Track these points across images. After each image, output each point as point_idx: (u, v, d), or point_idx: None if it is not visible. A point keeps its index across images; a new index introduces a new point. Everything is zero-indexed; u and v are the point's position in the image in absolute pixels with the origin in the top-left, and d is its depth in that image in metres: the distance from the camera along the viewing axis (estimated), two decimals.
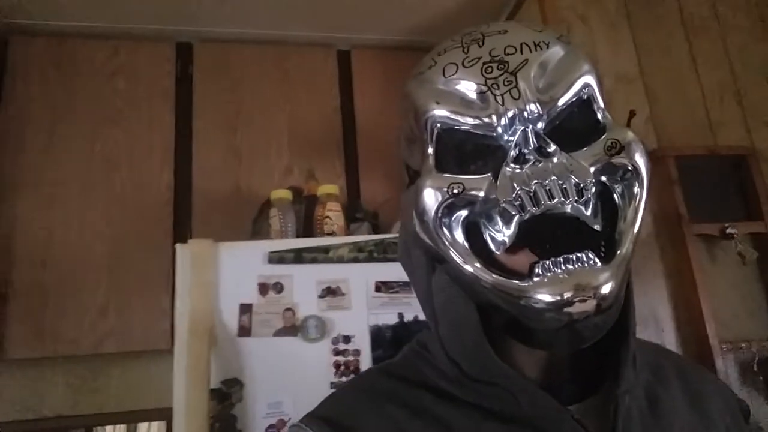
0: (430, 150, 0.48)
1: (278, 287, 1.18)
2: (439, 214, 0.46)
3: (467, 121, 0.46)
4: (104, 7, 1.82)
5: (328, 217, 1.36)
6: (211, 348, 1.08)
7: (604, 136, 0.46)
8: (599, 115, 0.48)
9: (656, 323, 1.52)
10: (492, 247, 0.46)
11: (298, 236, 1.39)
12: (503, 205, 0.44)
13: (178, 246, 1.19)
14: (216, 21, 1.93)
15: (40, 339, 1.59)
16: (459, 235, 0.47)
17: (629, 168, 0.46)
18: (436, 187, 0.46)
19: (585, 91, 0.47)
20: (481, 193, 0.46)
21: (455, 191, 0.46)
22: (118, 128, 1.81)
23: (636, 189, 0.46)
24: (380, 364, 0.58)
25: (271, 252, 1.21)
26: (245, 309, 1.16)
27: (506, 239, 0.45)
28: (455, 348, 0.50)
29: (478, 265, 0.45)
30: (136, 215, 1.74)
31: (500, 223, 0.45)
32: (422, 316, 0.53)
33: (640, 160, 0.46)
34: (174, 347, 1.60)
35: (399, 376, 0.54)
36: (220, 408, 1.07)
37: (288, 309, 1.17)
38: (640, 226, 0.46)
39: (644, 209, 0.46)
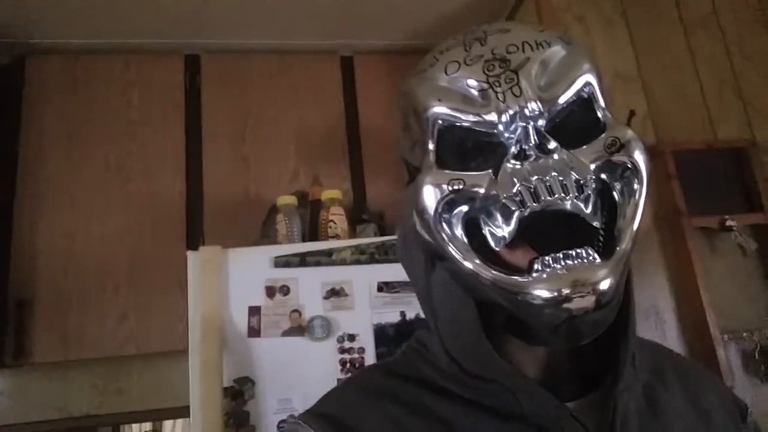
0: (431, 146, 0.48)
1: (285, 290, 1.24)
2: (439, 210, 0.46)
3: (468, 118, 0.47)
4: (115, 24, 1.89)
5: (332, 221, 1.42)
6: (222, 349, 1.14)
7: (604, 134, 0.47)
8: (599, 114, 0.48)
9: (657, 315, 1.55)
10: (491, 243, 0.46)
11: (304, 239, 1.45)
12: (503, 200, 0.44)
13: (189, 253, 1.26)
14: (222, 32, 1.99)
15: (64, 343, 1.67)
16: (459, 231, 0.47)
17: (629, 166, 0.46)
18: (437, 183, 0.47)
19: (586, 89, 0.48)
20: (482, 190, 0.46)
21: (456, 187, 0.46)
22: (132, 139, 1.89)
23: (635, 186, 0.46)
24: (379, 362, 0.59)
25: (277, 257, 1.27)
26: (254, 311, 1.22)
27: (506, 235, 0.45)
28: (454, 345, 0.50)
29: (477, 261, 0.45)
30: (152, 222, 1.82)
31: (500, 219, 0.45)
32: (423, 314, 0.56)
33: (640, 158, 0.46)
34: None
35: (398, 373, 0.54)
36: (234, 405, 1.14)
37: (294, 310, 1.23)
38: (640, 222, 0.46)
39: (643, 206, 0.47)
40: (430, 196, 0.47)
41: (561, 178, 0.43)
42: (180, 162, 1.89)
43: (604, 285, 0.42)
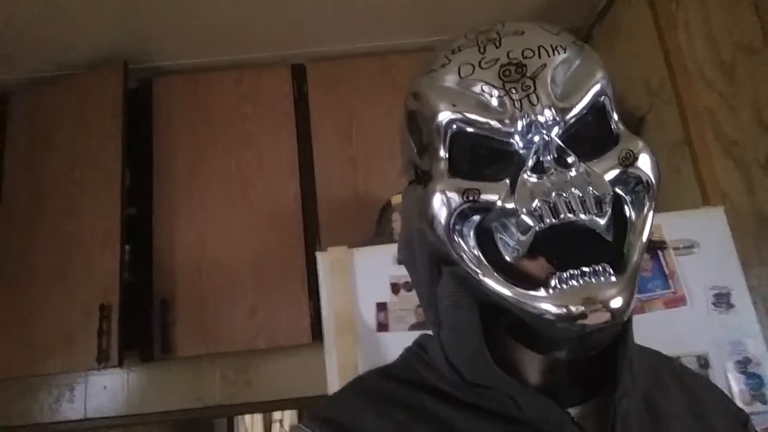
0: (443, 153, 0.47)
1: (408, 286, 1.29)
2: (452, 221, 0.45)
3: (483, 125, 0.46)
4: (226, 42, 2.04)
5: None
6: (356, 342, 1.22)
7: (618, 146, 0.47)
8: (612, 124, 0.48)
9: None
10: (505, 254, 0.46)
11: None
12: (523, 216, 0.44)
13: (318, 254, 1.34)
14: (324, 40, 2.08)
15: (203, 339, 1.84)
16: (472, 242, 0.46)
17: (642, 180, 0.46)
18: (450, 191, 0.46)
19: (600, 98, 0.47)
20: (498, 201, 0.45)
21: (471, 198, 0.45)
22: (249, 149, 2.02)
23: (646, 201, 0.46)
24: (380, 366, 0.58)
25: None
26: (381, 307, 1.28)
27: (520, 248, 0.45)
28: (455, 353, 0.50)
29: (495, 275, 0.45)
30: (272, 225, 1.94)
31: (515, 231, 0.45)
32: (426, 319, 0.54)
33: (653, 173, 0.46)
34: (318, 342, 1.80)
35: (399, 377, 0.54)
36: None
37: (419, 305, 1.28)
38: (648, 236, 0.46)
39: (652, 220, 0.47)
40: (442, 206, 0.46)
41: (580, 195, 0.43)
42: (293, 167, 2.00)
43: (619, 302, 0.42)
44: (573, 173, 0.43)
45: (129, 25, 1.86)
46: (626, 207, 0.47)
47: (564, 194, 0.43)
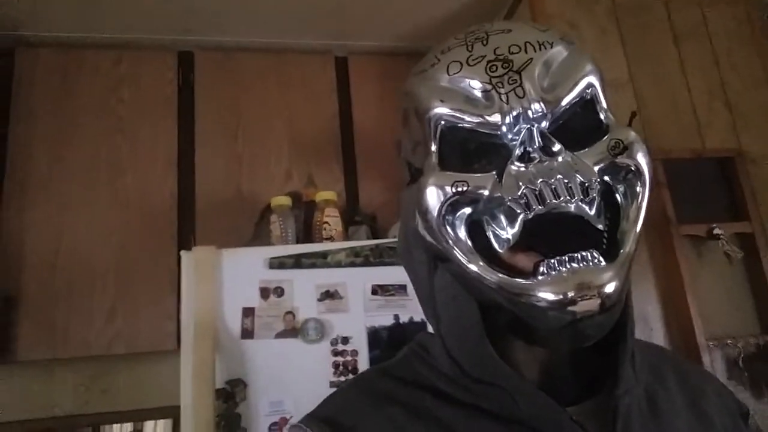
0: (434, 147, 0.48)
1: (279, 291, 1.24)
2: (443, 212, 0.46)
3: (471, 119, 0.46)
4: (107, 18, 1.88)
5: (326, 222, 1.41)
6: (215, 350, 1.14)
7: (607, 136, 0.47)
8: (602, 116, 0.48)
9: (645, 321, 1.58)
10: (496, 245, 0.46)
11: (297, 241, 1.44)
12: (508, 203, 0.44)
13: (183, 253, 1.25)
14: (216, 29, 1.98)
15: (50, 341, 1.65)
16: (462, 234, 0.46)
17: (632, 168, 0.46)
18: (440, 184, 0.46)
19: (588, 91, 0.48)
20: (486, 192, 0.46)
21: (460, 189, 0.46)
22: (122, 136, 1.87)
23: (638, 188, 0.47)
24: (379, 364, 0.58)
25: (272, 258, 1.26)
26: (248, 312, 1.21)
27: (510, 237, 0.45)
28: (456, 347, 0.50)
29: (481, 263, 0.45)
30: (142, 220, 1.80)
31: (504, 221, 0.45)
32: (417, 317, 0.55)
33: (643, 160, 0.46)
34: (180, 348, 1.69)
35: (398, 376, 0.54)
36: (225, 407, 1.13)
37: (288, 312, 1.23)
38: (642, 225, 0.46)
39: (646, 208, 0.47)
40: (434, 198, 0.46)
41: (566, 181, 0.43)
42: (172, 159, 1.87)
43: (610, 288, 0.42)
44: (559, 161, 0.44)
45: None
46: (618, 196, 0.47)
47: (550, 181, 0.43)
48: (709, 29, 1.91)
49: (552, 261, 0.43)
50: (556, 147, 0.44)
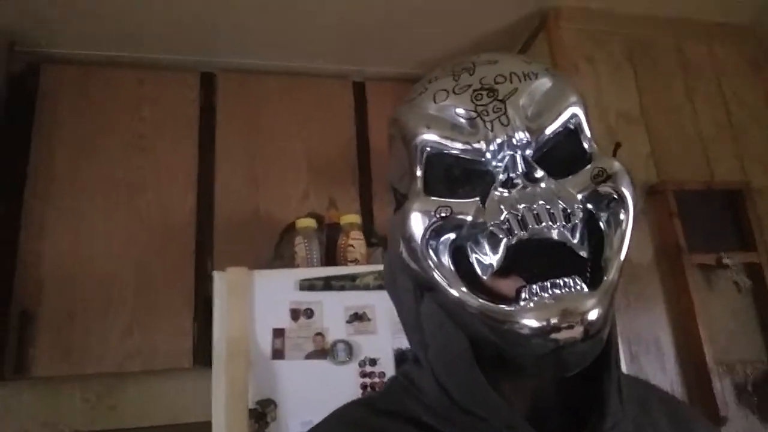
0: (419, 173, 0.49)
1: (309, 313, 1.26)
2: (427, 237, 0.46)
3: (456, 146, 0.47)
4: (131, 38, 1.91)
5: (351, 245, 1.44)
6: (247, 370, 1.15)
7: (590, 165, 0.47)
8: (586, 145, 0.49)
9: (657, 347, 1.61)
10: (479, 271, 0.46)
11: (320, 263, 1.47)
12: (491, 228, 0.45)
13: (215, 273, 1.26)
14: (238, 52, 2.02)
15: (66, 358, 1.64)
16: (446, 259, 0.47)
17: (615, 196, 0.46)
18: (424, 210, 0.47)
19: (572, 120, 0.49)
20: (469, 217, 0.46)
21: (443, 214, 0.46)
22: (143, 154, 1.89)
23: (622, 216, 0.46)
24: (363, 397, 0.58)
25: (302, 280, 1.29)
26: (278, 333, 1.23)
27: (493, 263, 0.45)
28: (445, 374, 0.49)
29: (464, 289, 0.45)
30: (160, 238, 1.81)
31: (487, 247, 0.45)
32: (410, 345, 0.54)
33: (626, 189, 0.46)
34: (198, 366, 1.69)
35: (383, 409, 0.53)
36: (257, 427, 1.14)
37: (318, 333, 1.25)
38: (626, 253, 0.46)
39: (630, 237, 0.47)
40: (418, 223, 0.47)
41: (548, 207, 0.44)
42: (191, 179, 1.89)
43: (593, 315, 0.42)
44: (542, 187, 0.45)
45: (22, 2, 1.68)
46: (601, 223, 0.47)
47: (532, 206, 0.44)
48: (716, 66, 1.99)
49: (534, 287, 0.43)
50: (539, 173, 0.45)
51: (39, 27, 1.80)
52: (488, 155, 0.46)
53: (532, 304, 0.42)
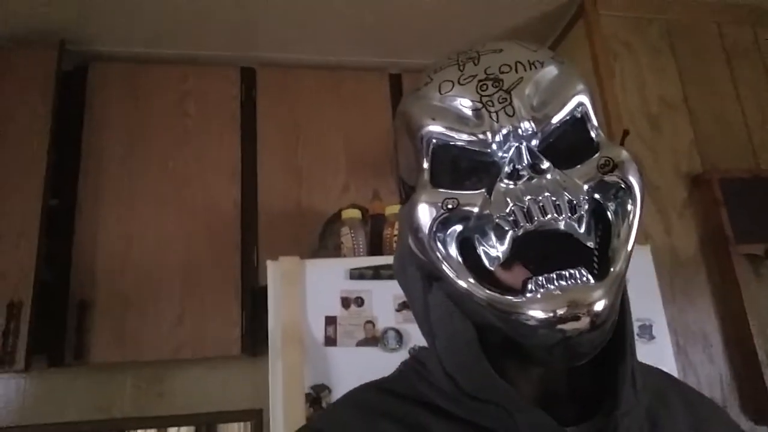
0: (425, 165, 0.49)
1: (359, 301, 1.29)
2: (434, 229, 0.47)
3: (462, 138, 0.47)
4: (174, 34, 1.96)
5: (396, 236, 1.46)
6: (302, 355, 1.19)
7: (597, 154, 0.47)
8: (593, 134, 0.49)
9: (704, 339, 1.60)
10: (486, 262, 0.46)
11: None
12: (497, 220, 0.45)
13: (268, 262, 1.30)
14: (277, 47, 2.05)
15: (121, 345, 1.71)
16: (453, 250, 0.47)
17: (622, 186, 0.46)
18: (431, 202, 0.47)
19: (579, 109, 0.48)
20: (476, 209, 0.46)
21: (450, 206, 0.46)
22: (188, 148, 1.94)
23: (629, 207, 0.46)
24: (375, 380, 0.57)
25: (352, 269, 1.32)
26: (330, 321, 1.26)
27: (500, 255, 0.45)
28: (452, 364, 0.50)
29: (471, 280, 0.45)
30: (207, 229, 1.86)
31: (494, 238, 0.46)
32: (421, 333, 0.54)
33: (634, 178, 0.46)
34: (246, 354, 1.74)
35: (394, 392, 0.53)
36: (312, 411, 1.18)
37: (368, 321, 1.28)
38: (634, 243, 0.46)
39: (638, 227, 0.46)
40: (425, 215, 0.47)
41: (554, 199, 0.44)
42: (235, 171, 1.94)
43: (599, 306, 0.42)
44: (548, 178, 0.44)
45: (71, 1, 1.74)
46: (609, 214, 0.47)
47: (537, 198, 0.44)
48: (761, 50, 1.94)
49: (540, 278, 0.43)
50: (545, 165, 0.45)
51: (87, 26, 1.86)
52: (494, 146, 0.46)
53: (538, 296, 0.43)
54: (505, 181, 0.45)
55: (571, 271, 0.43)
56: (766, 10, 2.00)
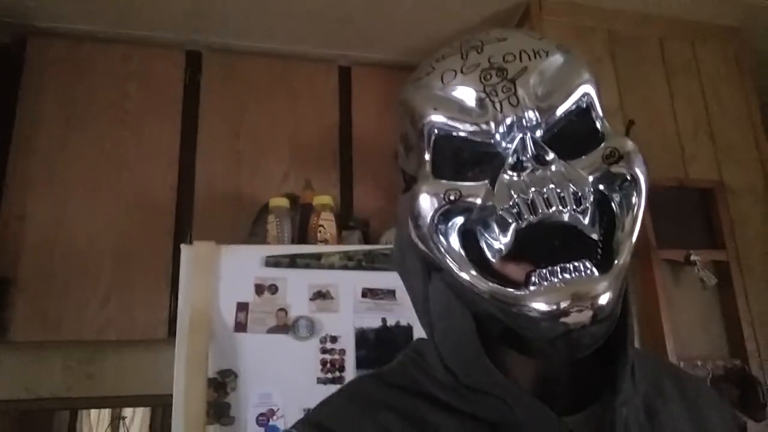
0: (427, 156, 0.48)
1: (273, 289, 1.29)
2: (435, 221, 0.46)
3: (465, 128, 0.46)
4: (119, 13, 1.92)
5: (321, 226, 1.47)
6: (209, 341, 1.19)
7: (602, 145, 0.46)
8: (598, 124, 0.48)
9: None
10: (488, 254, 0.46)
11: (293, 241, 1.50)
12: (500, 212, 0.44)
13: (183, 246, 1.30)
14: (226, 32, 2.03)
15: (43, 324, 1.68)
16: (455, 242, 0.46)
17: (628, 177, 0.45)
18: (433, 193, 0.46)
19: (584, 99, 0.47)
20: (478, 200, 0.45)
21: (452, 198, 0.45)
22: (127, 130, 1.91)
23: (634, 199, 0.46)
24: (374, 370, 0.56)
25: (268, 256, 1.32)
26: (242, 307, 1.27)
27: (502, 247, 0.45)
28: (451, 355, 0.49)
29: (473, 272, 0.45)
30: (141, 212, 1.84)
31: (497, 230, 0.45)
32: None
33: (640, 170, 0.45)
34: (173, 338, 1.73)
35: (393, 383, 0.53)
36: (216, 396, 1.18)
37: (281, 309, 1.28)
38: (638, 235, 0.46)
39: (642, 219, 0.46)
40: (426, 206, 0.46)
41: (559, 191, 0.43)
42: (174, 155, 1.92)
43: (603, 299, 0.41)
44: (552, 170, 0.44)
45: None
46: (613, 205, 0.46)
47: (542, 190, 0.43)
48: (699, 65, 2.00)
49: (543, 271, 0.42)
50: (550, 156, 0.44)
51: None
52: (497, 137, 0.45)
53: (542, 288, 0.42)
54: (509, 172, 0.44)
55: (575, 264, 0.42)
56: (707, 28, 2.05)
